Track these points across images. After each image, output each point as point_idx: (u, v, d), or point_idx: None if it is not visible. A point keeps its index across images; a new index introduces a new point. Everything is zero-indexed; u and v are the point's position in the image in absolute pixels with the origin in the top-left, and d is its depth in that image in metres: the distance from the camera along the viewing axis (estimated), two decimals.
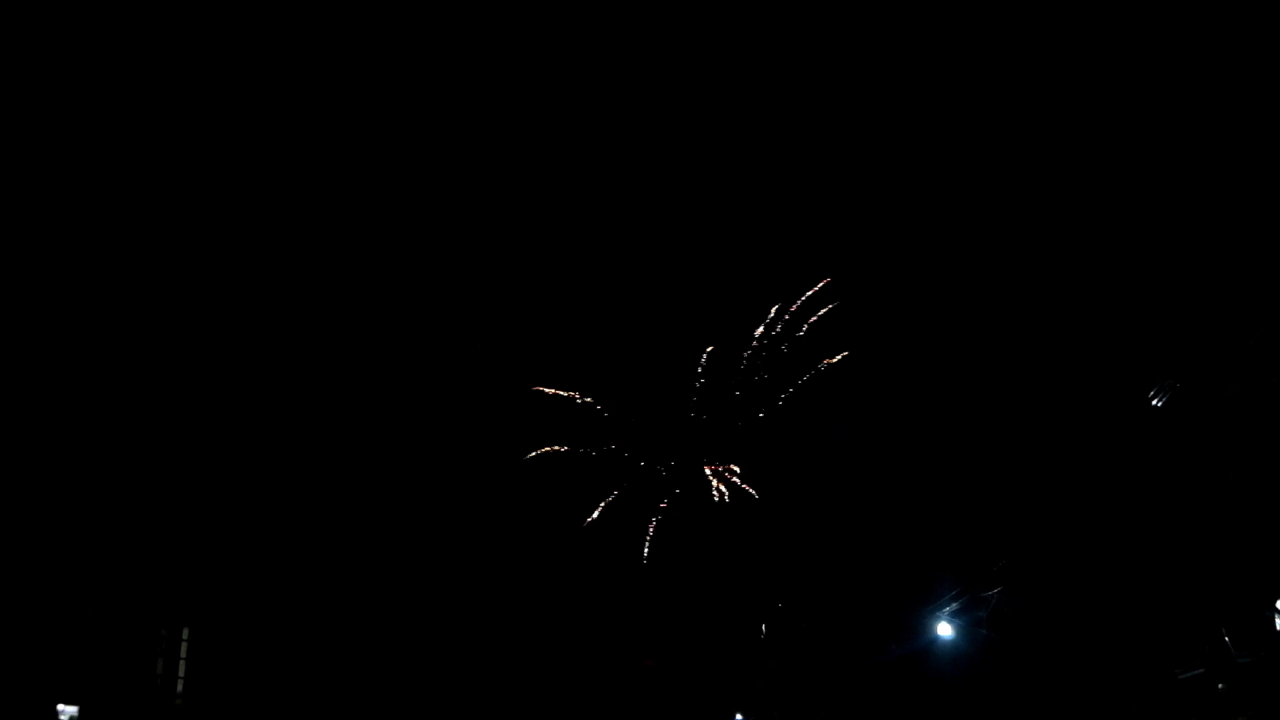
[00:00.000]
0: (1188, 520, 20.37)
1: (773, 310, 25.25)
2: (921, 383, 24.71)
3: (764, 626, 25.13)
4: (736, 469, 25.55)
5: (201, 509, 23.06)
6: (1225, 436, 20.34)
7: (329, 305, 24.34)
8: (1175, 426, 20.86)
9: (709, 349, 25.49)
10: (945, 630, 23.24)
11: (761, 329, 25.45)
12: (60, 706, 20.74)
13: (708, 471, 25.51)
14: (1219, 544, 20.02)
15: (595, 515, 25.54)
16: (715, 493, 25.56)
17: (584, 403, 25.32)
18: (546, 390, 25.22)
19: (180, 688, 22.57)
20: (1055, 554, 21.87)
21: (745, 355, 25.58)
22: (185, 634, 22.97)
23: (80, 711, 20.97)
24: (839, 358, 25.29)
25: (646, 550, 25.66)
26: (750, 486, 25.61)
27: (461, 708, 24.22)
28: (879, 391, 25.33)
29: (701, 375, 25.73)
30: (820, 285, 25.33)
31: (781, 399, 25.51)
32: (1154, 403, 21.58)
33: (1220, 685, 19.64)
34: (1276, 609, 19.87)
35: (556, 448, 25.39)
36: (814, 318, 25.39)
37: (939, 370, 24.54)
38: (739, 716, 25.49)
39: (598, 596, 25.50)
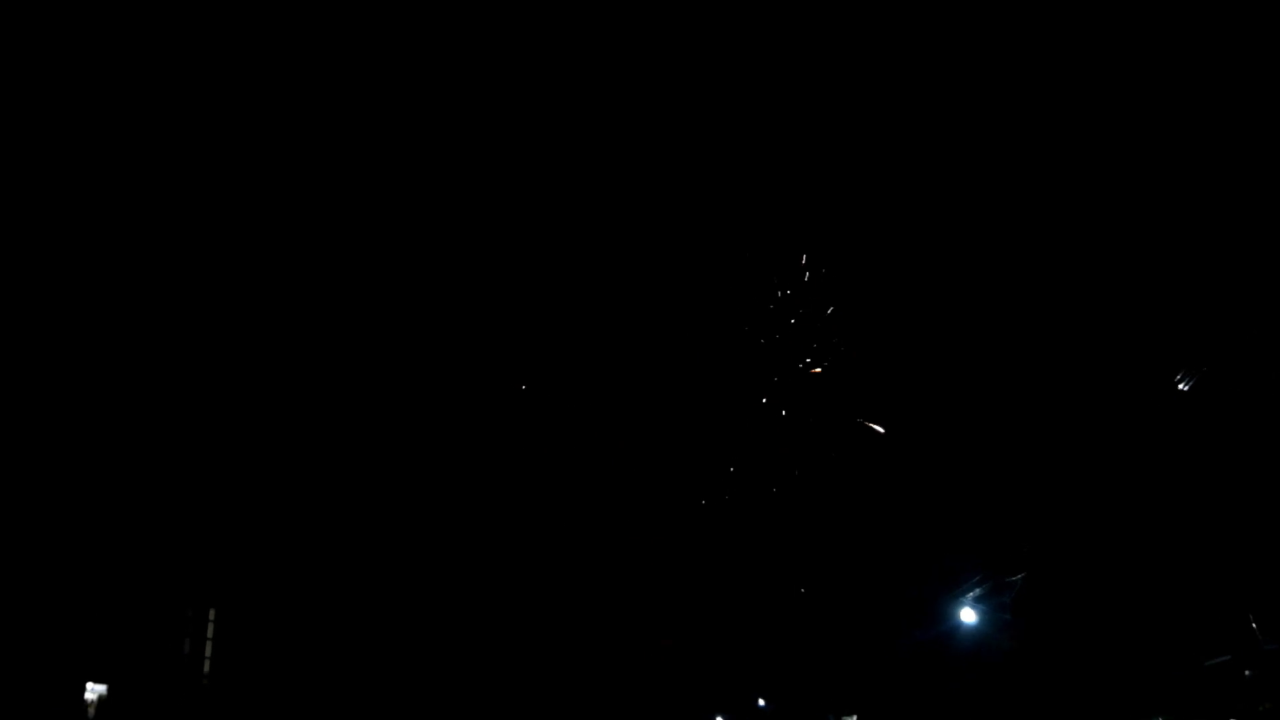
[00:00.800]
0: (1214, 506, 20.24)
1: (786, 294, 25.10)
2: (944, 368, 24.58)
3: (785, 609, 25.14)
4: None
5: (228, 491, 23.26)
6: (1252, 422, 20.18)
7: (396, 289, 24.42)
8: (1201, 411, 20.72)
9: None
10: (969, 616, 23.22)
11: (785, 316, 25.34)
12: (89, 685, 21.05)
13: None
14: (1245, 530, 19.89)
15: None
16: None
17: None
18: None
19: (207, 668, 22.80)
20: (1080, 540, 21.77)
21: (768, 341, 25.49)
22: (211, 614, 23.20)
23: (109, 690, 21.27)
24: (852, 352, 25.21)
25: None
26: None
27: (480, 688, 24.38)
28: (901, 379, 25.21)
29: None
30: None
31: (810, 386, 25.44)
32: (1180, 386, 21.44)
33: (1247, 672, 19.54)
34: None
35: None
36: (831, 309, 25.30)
37: (962, 355, 24.41)
38: (761, 701, 25.58)
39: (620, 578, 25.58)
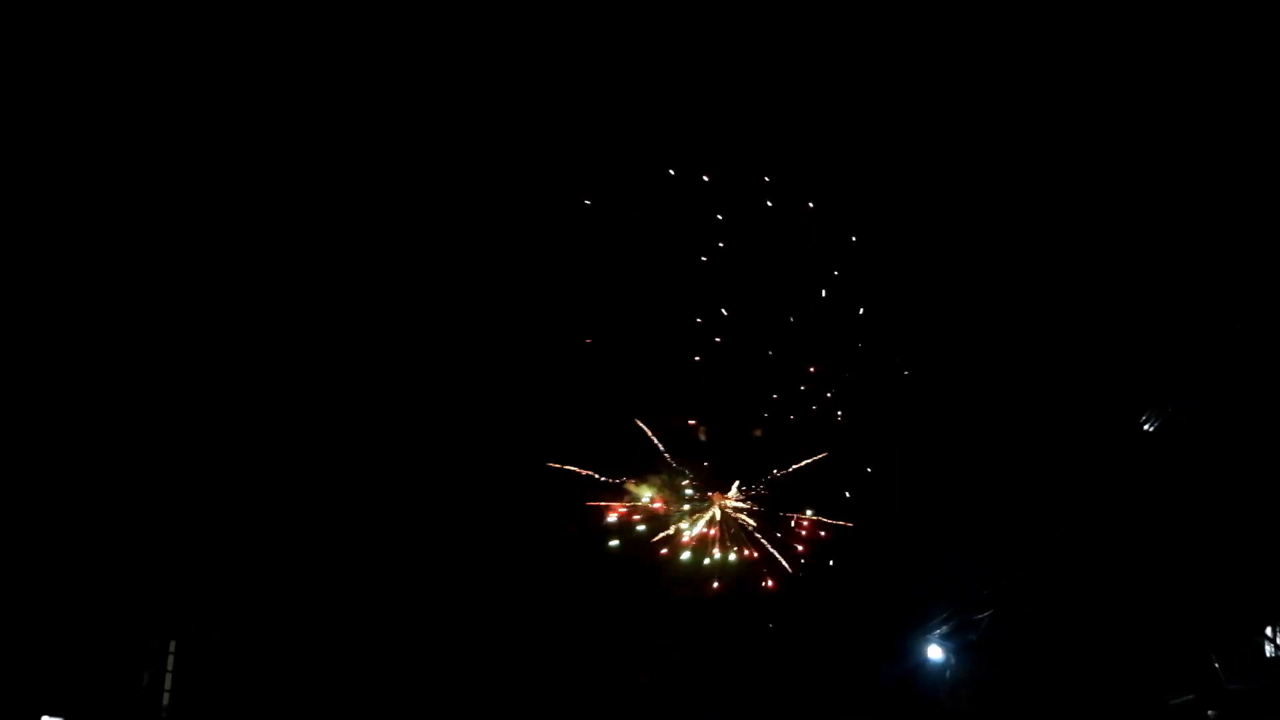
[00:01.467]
0: (1178, 546, 20.48)
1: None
2: (911, 401, 24.75)
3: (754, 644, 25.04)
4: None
5: (190, 521, 22.92)
6: (1217, 462, 20.48)
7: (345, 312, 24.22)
8: (1167, 451, 21.01)
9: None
10: (935, 653, 23.30)
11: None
12: (45, 718, 20.59)
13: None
14: (1209, 570, 20.13)
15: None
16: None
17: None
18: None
19: (166, 700, 22.37)
20: (1047, 578, 21.94)
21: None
22: (172, 646, 22.78)
23: None
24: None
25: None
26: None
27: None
28: (870, 411, 25.33)
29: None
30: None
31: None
32: (1145, 428, 21.76)
33: (1210, 712, 19.73)
34: (1266, 635, 20.00)
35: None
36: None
37: (925, 388, 24.60)
38: None
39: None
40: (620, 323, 24.54)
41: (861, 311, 24.88)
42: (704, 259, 24.69)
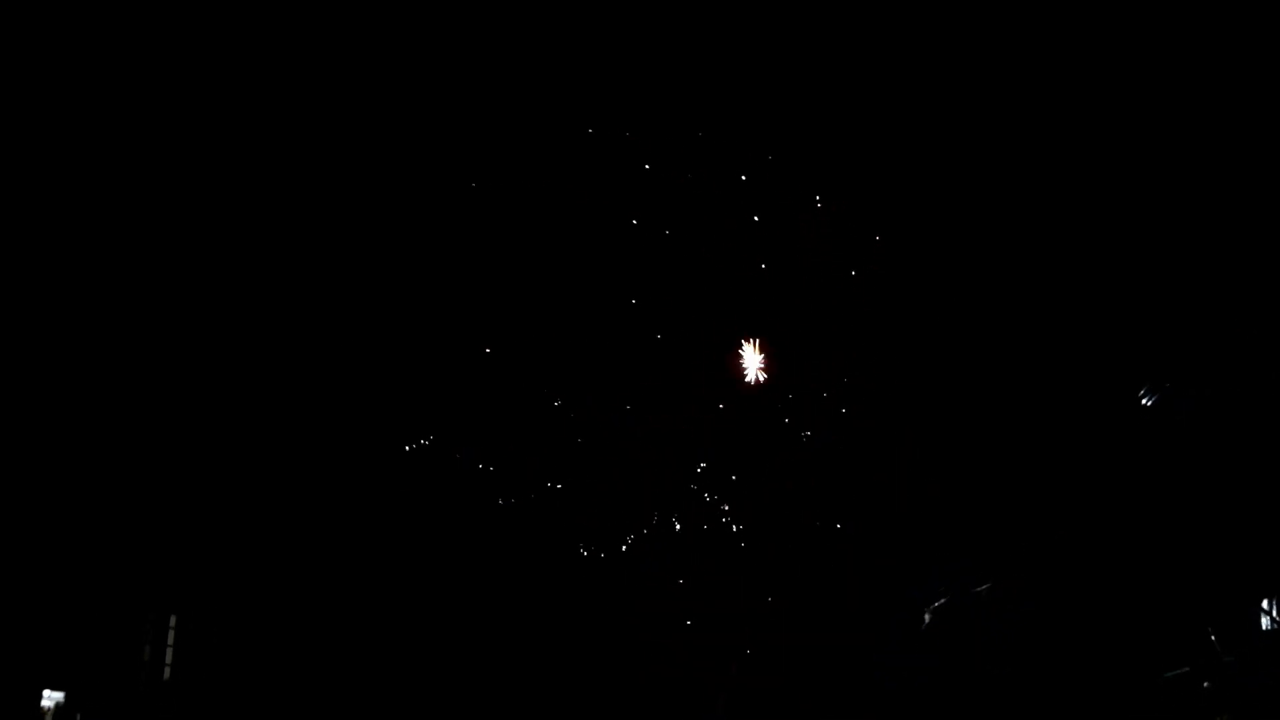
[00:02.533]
0: (1174, 519, 20.47)
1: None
2: (904, 374, 24.71)
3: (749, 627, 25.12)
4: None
5: (191, 495, 22.99)
6: (1214, 435, 20.44)
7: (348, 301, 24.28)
8: (1164, 425, 20.96)
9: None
10: (931, 625, 23.38)
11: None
12: (46, 692, 20.77)
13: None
14: (1205, 543, 20.12)
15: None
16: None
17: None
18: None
19: (167, 674, 22.53)
20: (1042, 551, 21.95)
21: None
22: (172, 621, 22.92)
23: (66, 698, 20.99)
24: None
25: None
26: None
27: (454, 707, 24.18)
28: (864, 386, 25.31)
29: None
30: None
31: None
32: (1143, 402, 21.70)
33: (1205, 684, 19.75)
34: (1263, 608, 20.00)
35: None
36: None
37: (922, 362, 24.56)
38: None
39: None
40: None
41: (863, 311, 24.92)
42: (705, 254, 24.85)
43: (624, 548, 24.98)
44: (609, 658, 24.87)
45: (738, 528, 24.92)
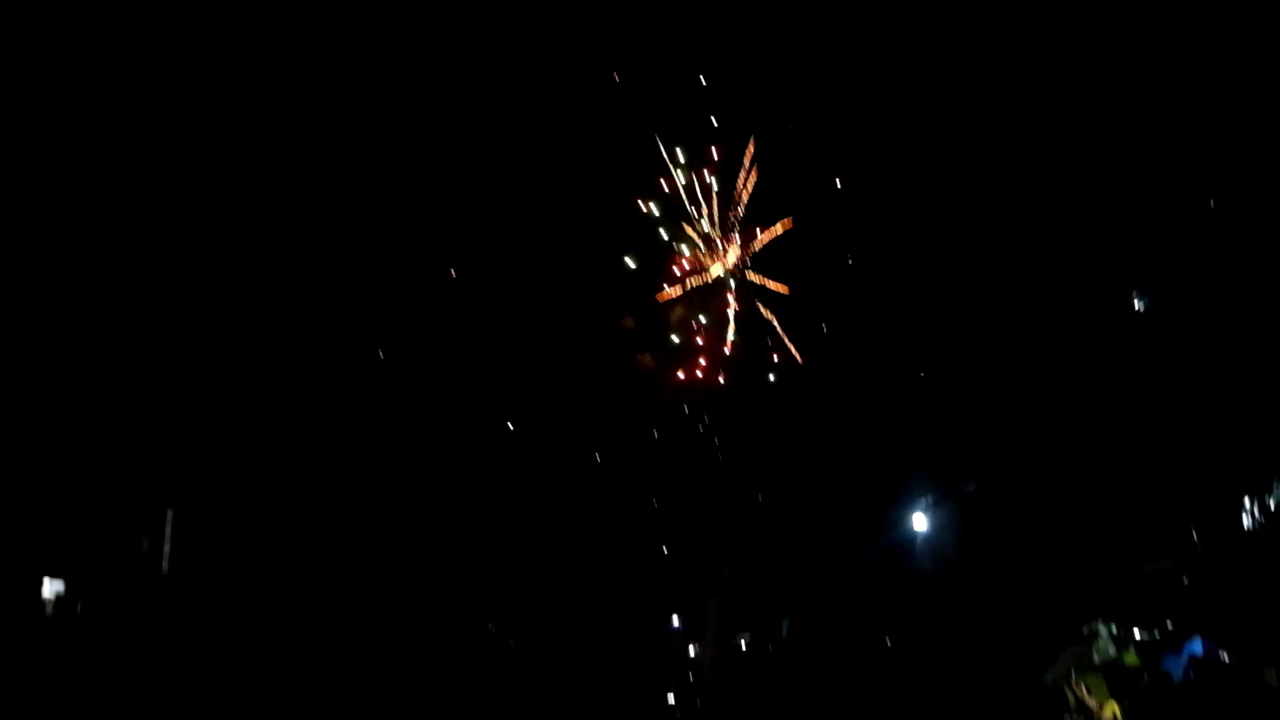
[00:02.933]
0: (1159, 416, 20.69)
1: None
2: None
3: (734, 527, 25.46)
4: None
5: (187, 391, 23.04)
6: (1202, 335, 20.56)
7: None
8: (1154, 324, 21.10)
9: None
10: (921, 524, 23.78)
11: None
12: (46, 580, 21.02)
13: None
14: (1189, 441, 20.36)
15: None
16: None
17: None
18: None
19: (165, 566, 22.75)
20: (1027, 449, 22.22)
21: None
22: (169, 515, 23.08)
23: (66, 585, 21.26)
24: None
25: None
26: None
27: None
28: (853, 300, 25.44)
29: None
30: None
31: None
32: (1135, 305, 21.79)
33: (1185, 579, 20.12)
34: (1244, 506, 20.30)
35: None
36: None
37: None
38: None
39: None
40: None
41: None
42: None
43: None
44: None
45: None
